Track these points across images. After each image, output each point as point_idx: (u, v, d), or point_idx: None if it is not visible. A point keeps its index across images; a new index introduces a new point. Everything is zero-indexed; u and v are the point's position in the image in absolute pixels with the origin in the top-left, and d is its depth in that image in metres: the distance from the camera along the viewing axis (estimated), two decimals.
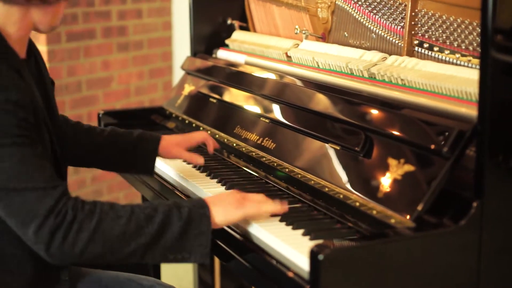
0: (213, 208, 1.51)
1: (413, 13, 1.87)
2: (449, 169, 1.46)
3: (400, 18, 1.92)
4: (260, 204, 1.57)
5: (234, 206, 1.54)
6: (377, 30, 2.00)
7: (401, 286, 1.40)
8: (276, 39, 2.38)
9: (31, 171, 1.41)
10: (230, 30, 2.65)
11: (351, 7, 2.09)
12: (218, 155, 2.12)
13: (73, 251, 1.40)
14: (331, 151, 1.74)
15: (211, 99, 2.34)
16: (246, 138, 2.06)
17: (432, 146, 1.50)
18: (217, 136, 2.17)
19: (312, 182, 1.73)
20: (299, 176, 1.78)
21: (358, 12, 2.06)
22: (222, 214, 1.52)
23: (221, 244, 1.65)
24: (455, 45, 1.75)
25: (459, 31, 1.74)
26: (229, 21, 2.66)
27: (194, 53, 2.66)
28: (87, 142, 1.93)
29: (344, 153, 1.70)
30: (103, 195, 3.89)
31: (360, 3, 2.05)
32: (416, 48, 1.87)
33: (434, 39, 1.81)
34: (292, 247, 1.46)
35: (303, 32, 2.24)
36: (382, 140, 1.63)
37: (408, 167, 1.53)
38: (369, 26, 2.03)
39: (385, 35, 1.97)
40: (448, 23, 1.78)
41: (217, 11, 2.66)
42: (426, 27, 1.84)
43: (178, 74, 3.95)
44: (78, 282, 1.69)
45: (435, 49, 1.80)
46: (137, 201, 2.86)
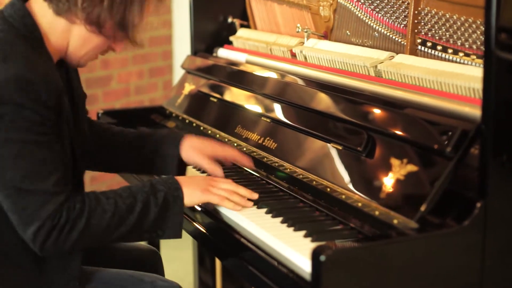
0: (184, 190, 1.62)
1: (416, 12, 1.86)
2: (453, 169, 1.46)
3: (403, 17, 1.92)
4: (224, 198, 1.67)
5: (201, 190, 1.65)
6: (380, 29, 1.99)
7: None
8: (281, 37, 2.38)
9: (45, 174, 1.47)
10: (231, 29, 2.64)
11: (354, 5, 2.08)
12: None
13: (64, 247, 1.51)
14: (333, 151, 1.74)
15: (212, 98, 2.33)
16: (247, 138, 2.05)
17: (435, 146, 1.49)
18: (218, 136, 2.17)
19: (314, 183, 1.72)
20: (301, 177, 1.78)
21: (361, 10, 2.06)
22: (189, 196, 1.63)
23: (222, 246, 1.64)
24: (459, 44, 1.75)
25: (463, 30, 1.74)
26: (230, 19, 2.65)
27: (195, 52, 2.65)
28: (118, 148, 1.94)
29: (346, 153, 1.69)
30: None
31: (363, 1, 2.05)
32: (419, 47, 1.86)
33: (437, 38, 1.81)
34: (294, 249, 1.45)
35: (305, 31, 2.23)
36: (385, 140, 1.62)
37: (411, 167, 1.52)
38: (372, 25, 2.02)
39: (388, 34, 1.97)
40: (452, 22, 1.77)
41: (218, 9, 2.65)
42: (429, 26, 1.83)
43: (178, 73, 3.93)
44: (80, 280, 1.69)
45: (438, 48, 1.80)
46: None
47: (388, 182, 1.54)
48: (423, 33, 1.85)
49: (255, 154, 1.98)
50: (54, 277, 1.61)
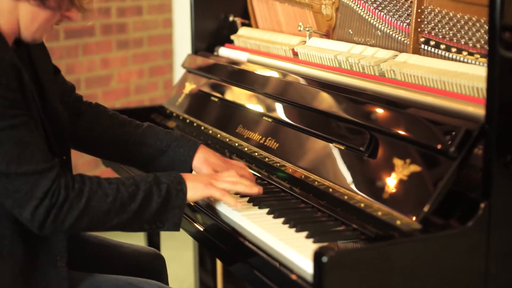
0: (188, 184, 1.63)
1: (419, 10, 1.86)
2: (456, 170, 1.45)
3: (406, 15, 1.91)
4: (226, 192, 1.66)
5: (204, 184, 1.65)
6: (383, 28, 1.99)
7: None
8: (283, 36, 2.37)
9: (30, 153, 1.47)
10: (232, 27, 2.64)
11: (356, 4, 2.08)
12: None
13: (63, 226, 1.51)
14: (336, 151, 1.73)
15: (213, 98, 2.32)
16: (249, 138, 2.04)
17: (439, 146, 1.49)
18: (219, 136, 2.16)
19: (316, 183, 1.72)
20: (303, 177, 1.77)
21: (363, 9, 2.05)
22: (191, 190, 1.63)
23: (223, 247, 1.63)
24: (462, 43, 1.74)
25: (466, 28, 1.73)
26: (231, 18, 2.65)
27: (195, 51, 2.65)
28: (119, 137, 1.91)
29: (349, 153, 1.69)
30: None
31: (365, 0, 2.03)
32: (422, 46, 1.85)
33: (441, 37, 1.80)
34: (296, 250, 1.45)
35: (307, 29, 2.23)
36: (388, 140, 1.62)
37: (414, 168, 1.51)
38: (374, 23, 2.02)
39: (391, 33, 1.96)
40: (455, 20, 1.76)
41: (219, 8, 2.65)
42: (433, 24, 1.82)
43: (179, 72, 3.92)
44: (77, 286, 1.68)
45: (442, 47, 1.79)
46: None
47: (391, 183, 1.53)
48: (427, 32, 1.84)
49: (257, 154, 1.97)
50: (46, 275, 1.60)
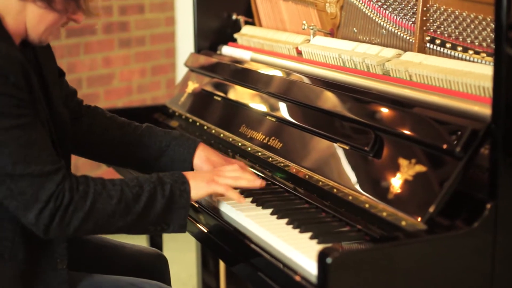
0: (191, 183, 1.62)
1: (425, 8, 1.85)
2: (462, 170, 1.45)
3: (411, 14, 1.91)
4: (229, 187, 1.66)
5: (206, 181, 1.65)
6: (388, 26, 1.98)
7: None
8: (287, 34, 2.37)
9: (36, 155, 1.46)
10: (236, 26, 2.64)
11: (361, 2, 2.08)
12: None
13: (68, 229, 1.50)
14: (340, 151, 1.72)
15: (216, 97, 2.32)
16: (252, 138, 2.04)
17: (445, 146, 1.48)
18: (222, 136, 2.16)
19: (320, 183, 1.71)
20: (307, 177, 1.76)
21: (368, 7, 2.05)
22: (195, 189, 1.62)
23: (226, 248, 1.63)
24: (468, 42, 1.73)
25: (472, 27, 1.73)
26: (234, 16, 2.65)
27: (198, 50, 2.65)
28: (119, 139, 1.92)
29: (353, 153, 1.68)
30: None
31: None
32: (428, 45, 1.85)
33: (447, 35, 1.80)
34: (300, 251, 1.44)
35: (311, 28, 2.22)
36: (393, 140, 1.61)
37: (420, 168, 1.51)
38: (379, 22, 2.01)
39: (396, 31, 1.96)
40: (461, 19, 1.76)
41: (222, 6, 2.65)
42: (438, 23, 1.82)
43: (182, 71, 3.91)
44: (78, 287, 1.68)
45: (448, 46, 1.79)
46: None
47: (396, 183, 1.53)
48: (432, 31, 1.84)
49: (260, 154, 1.96)
50: (46, 278, 1.59)
